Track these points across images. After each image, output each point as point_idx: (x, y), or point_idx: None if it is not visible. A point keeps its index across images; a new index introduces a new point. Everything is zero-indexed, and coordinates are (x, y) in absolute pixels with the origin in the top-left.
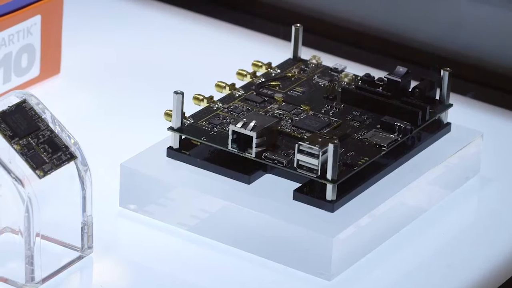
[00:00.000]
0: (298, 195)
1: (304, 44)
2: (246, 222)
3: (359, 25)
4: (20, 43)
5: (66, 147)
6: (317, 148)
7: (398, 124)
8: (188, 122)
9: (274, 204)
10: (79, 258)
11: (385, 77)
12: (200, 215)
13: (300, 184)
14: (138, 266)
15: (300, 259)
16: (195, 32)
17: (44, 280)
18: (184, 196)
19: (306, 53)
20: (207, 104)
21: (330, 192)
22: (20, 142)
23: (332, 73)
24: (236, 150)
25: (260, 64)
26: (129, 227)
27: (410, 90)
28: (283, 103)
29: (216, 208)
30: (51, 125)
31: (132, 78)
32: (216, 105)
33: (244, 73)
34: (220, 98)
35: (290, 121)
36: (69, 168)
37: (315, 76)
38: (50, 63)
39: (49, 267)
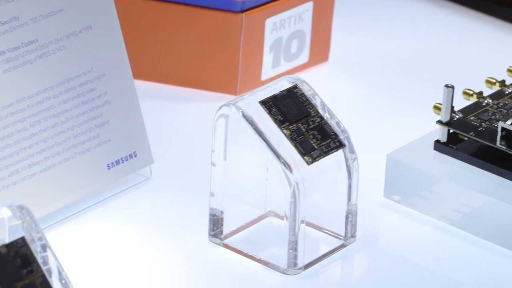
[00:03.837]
0: None
1: None
2: (510, 219)
3: None
4: (291, 28)
5: (335, 134)
6: None
7: None
8: (457, 116)
9: None
10: (342, 246)
11: None
12: (463, 210)
13: None
14: (399, 258)
15: None
16: (468, 27)
17: (306, 266)
18: (448, 190)
19: None
20: (477, 100)
21: None
22: (290, 127)
23: None
24: (504, 147)
25: None
26: (392, 218)
27: None
28: None
29: (479, 204)
30: (321, 111)
31: (400, 69)
32: (486, 101)
33: None
34: (490, 94)
35: None
36: (336, 156)
37: None
38: (319, 50)
39: (311, 254)
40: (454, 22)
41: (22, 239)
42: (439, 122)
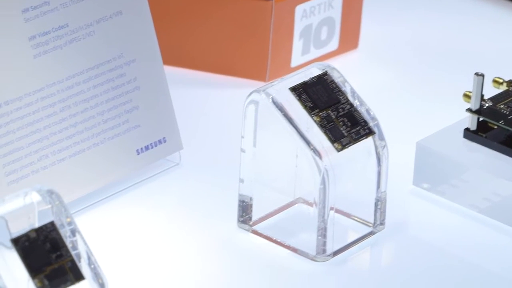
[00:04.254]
0: None
1: None
2: None
3: None
4: (321, 15)
5: (365, 121)
6: None
7: None
8: (487, 104)
9: None
10: (371, 233)
11: None
12: (492, 198)
13: None
14: (428, 246)
15: None
16: (498, 16)
17: (335, 253)
18: (477, 178)
19: None
20: (507, 88)
21: None
22: (320, 114)
23: None
24: None
25: None
26: (421, 206)
27: None
28: None
29: (509, 192)
30: (350, 98)
31: (430, 57)
32: None
33: None
34: None
35: None
36: (366, 143)
37: None
38: (349, 37)
39: (340, 241)
40: (484, 11)
41: (52, 223)
42: (469, 110)
